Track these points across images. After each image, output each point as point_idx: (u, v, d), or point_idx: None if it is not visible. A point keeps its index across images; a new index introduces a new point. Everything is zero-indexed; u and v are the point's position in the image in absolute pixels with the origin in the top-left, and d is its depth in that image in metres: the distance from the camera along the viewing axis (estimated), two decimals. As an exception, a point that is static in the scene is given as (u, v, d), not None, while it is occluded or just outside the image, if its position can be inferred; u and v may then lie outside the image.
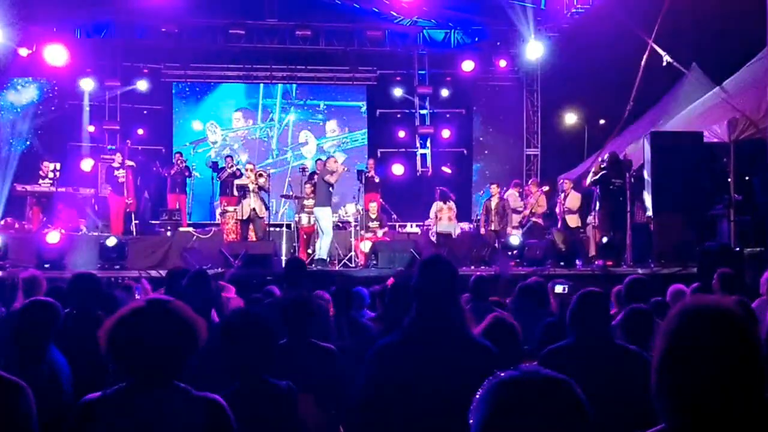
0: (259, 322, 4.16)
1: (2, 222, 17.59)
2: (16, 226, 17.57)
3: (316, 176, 17.96)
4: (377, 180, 20.23)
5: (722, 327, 2.06)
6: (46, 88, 22.16)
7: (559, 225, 17.84)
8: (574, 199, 17.94)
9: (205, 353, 3.31)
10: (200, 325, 3.20)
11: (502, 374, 1.81)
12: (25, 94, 21.93)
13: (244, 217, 17.56)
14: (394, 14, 23.05)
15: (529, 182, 20.50)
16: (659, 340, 2.13)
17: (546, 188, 18.69)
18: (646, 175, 16.23)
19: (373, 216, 18.75)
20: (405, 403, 3.58)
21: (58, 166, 18.22)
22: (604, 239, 16.34)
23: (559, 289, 7.95)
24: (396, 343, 3.81)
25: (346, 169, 17.67)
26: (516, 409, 1.72)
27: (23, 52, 20.24)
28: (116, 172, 18.15)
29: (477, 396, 1.80)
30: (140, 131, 23.09)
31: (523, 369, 1.82)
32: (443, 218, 18.97)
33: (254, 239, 17.42)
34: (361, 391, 3.84)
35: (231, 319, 4.30)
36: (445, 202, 19.21)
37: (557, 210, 18.22)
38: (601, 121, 22.16)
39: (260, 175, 17.89)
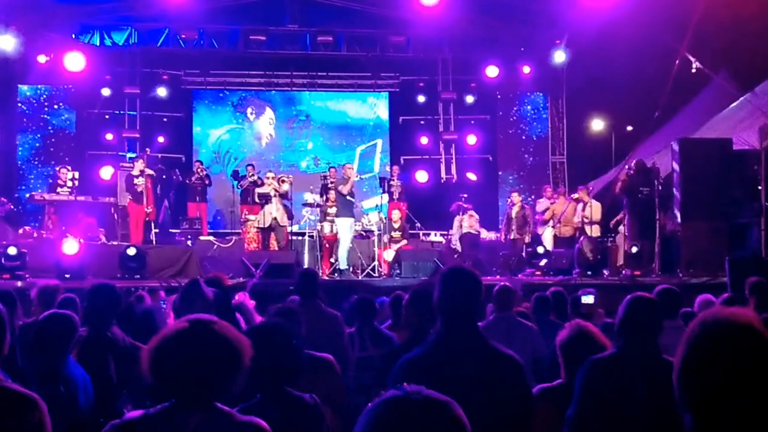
0: (280, 332, 4.13)
1: (21, 231, 17.47)
2: (35, 235, 17.44)
3: (331, 185, 17.74)
4: (401, 188, 20.03)
5: (739, 339, 2.06)
6: (65, 95, 22.10)
7: (576, 234, 17.63)
8: (595, 209, 17.65)
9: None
10: (245, 346, 3.09)
11: (386, 393, 1.86)
12: (44, 100, 21.89)
13: (265, 226, 17.33)
14: (417, 19, 22.81)
15: (556, 189, 20.22)
16: (680, 350, 2.13)
17: (575, 195, 18.41)
18: (674, 183, 16.00)
19: (396, 225, 18.52)
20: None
21: (76, 174, 18.10)
22: (633, 248, 16.05)
23: (586, 299, 7.77)
24: (422, 357, 3.73)
25: (359, 177, 17.38)
26: (395, 430, 1.76)
27: (42, 59, 20.20)
28: (135, 181, 17.98)
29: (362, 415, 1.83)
30: (161, 139, 22.93)
31: (405, 389, 1.86)
32: (465, 227, 18.75)
33: (275, 248, 17.20)
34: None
35: (251, 329, 4.24)
36: (463, 213, 18.99)
37: (576, 220, 17.96)
38: (629, 128, 21.91)
39: (283, 181, 17.61)
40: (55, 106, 22.01)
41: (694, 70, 17.14)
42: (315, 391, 4.67)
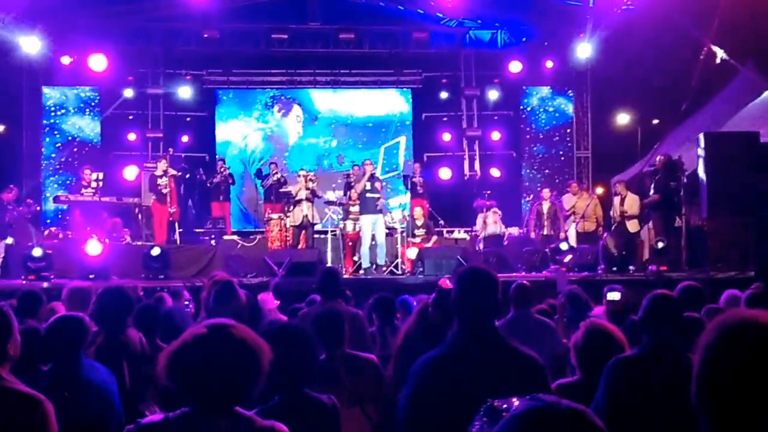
0: (298, 333, 4.17)
1: (46, 232, 17.53)
2: (60, 236, 17.50)
3: (353, 182, 17.67)
4: (423, 185, 19.93)
5: (761, 343, 1.95)
6: (89, 96, 22.15)
7: (613, 229, 17.43)
8: (632, 203, 17.43)
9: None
10: (265, 350, 3.08)
11: (520, 405, 1.75)
12: (68, 102, 21.95)
13: (298, 223, 17.31)
14: (440, 15, 22.71)
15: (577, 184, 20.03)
16: (698, 352, 2.06)
17: (600, 191, 18.25)
18: (700, 177, 15.85)
19: (419, 223, 18.42)
20: (450, 418, 3.29)
21: (100, 175, 18.15)
22: (659, 243, 15.88)
23: (612, 296, 7.67)
24: (440, 357, 3.76)
25: (372, 173, 17.17)
26: None
27: (65, 60, 20.26)
28: (159, 181, 18.01)
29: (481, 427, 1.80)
30: (185, 138, 22.94)
31: (543, 399, 1.74)
32: (489, 223, 18.65)
33: (305, 247, 17.16)
34: (406, 405, 3.78)
35: (270, 331, 4.15)
36: (487, 210, 18.89)
37: (612, 214, 17.78)
38: (654, 121, 21.76)
39: (311, 180, 17.59)
40: (79, 107, 22.04)
41: (718, 61, 17.00)
42: (358, 390, 4.73)
